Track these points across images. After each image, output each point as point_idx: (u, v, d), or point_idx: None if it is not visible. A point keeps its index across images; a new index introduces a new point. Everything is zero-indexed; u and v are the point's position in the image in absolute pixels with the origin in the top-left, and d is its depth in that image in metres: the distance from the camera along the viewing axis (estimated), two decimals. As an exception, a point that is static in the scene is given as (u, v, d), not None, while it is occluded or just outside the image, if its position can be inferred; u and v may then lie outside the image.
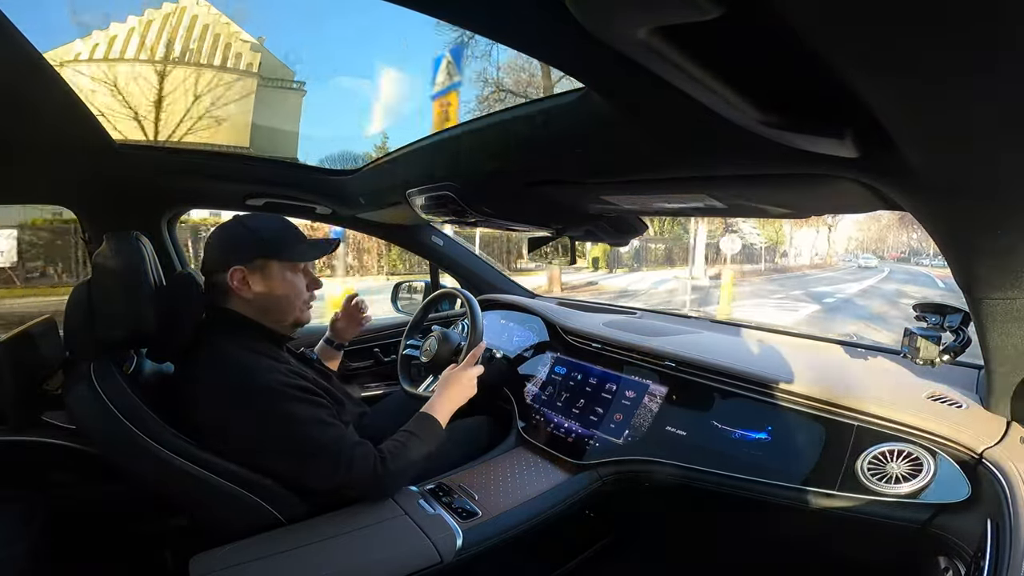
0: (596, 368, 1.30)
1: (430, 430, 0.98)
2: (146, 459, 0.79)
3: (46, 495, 1.00)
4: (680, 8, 0.26)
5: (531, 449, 1.21)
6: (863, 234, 37.11)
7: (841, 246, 35.31)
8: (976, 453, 0.75)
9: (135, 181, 1.18)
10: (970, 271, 0.57)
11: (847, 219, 25.61)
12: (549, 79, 10.59)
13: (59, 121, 0.87)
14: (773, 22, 0.28)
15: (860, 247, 37.59)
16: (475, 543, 0.87)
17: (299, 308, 0.98)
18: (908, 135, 0.38)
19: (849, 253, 33.52)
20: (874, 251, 36.83)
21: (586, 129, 0.60)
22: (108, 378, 0.83)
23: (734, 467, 0.95)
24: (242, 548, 0.79)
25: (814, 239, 27.51)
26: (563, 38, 0.38)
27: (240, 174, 1.28)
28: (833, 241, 30.08)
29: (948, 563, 0.74)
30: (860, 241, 38.03)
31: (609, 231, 1.16)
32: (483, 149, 0.81)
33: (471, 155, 0.85)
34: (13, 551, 0.89)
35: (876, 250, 37.55)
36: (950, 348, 0.86)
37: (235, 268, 0.90)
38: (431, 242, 1.77)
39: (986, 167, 0.39)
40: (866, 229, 35.47)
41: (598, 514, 1.19)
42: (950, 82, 0.29)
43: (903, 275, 19.93)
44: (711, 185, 0.68)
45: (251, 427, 0.82)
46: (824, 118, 0.38)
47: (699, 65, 0.33)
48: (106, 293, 0.86)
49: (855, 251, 32.89)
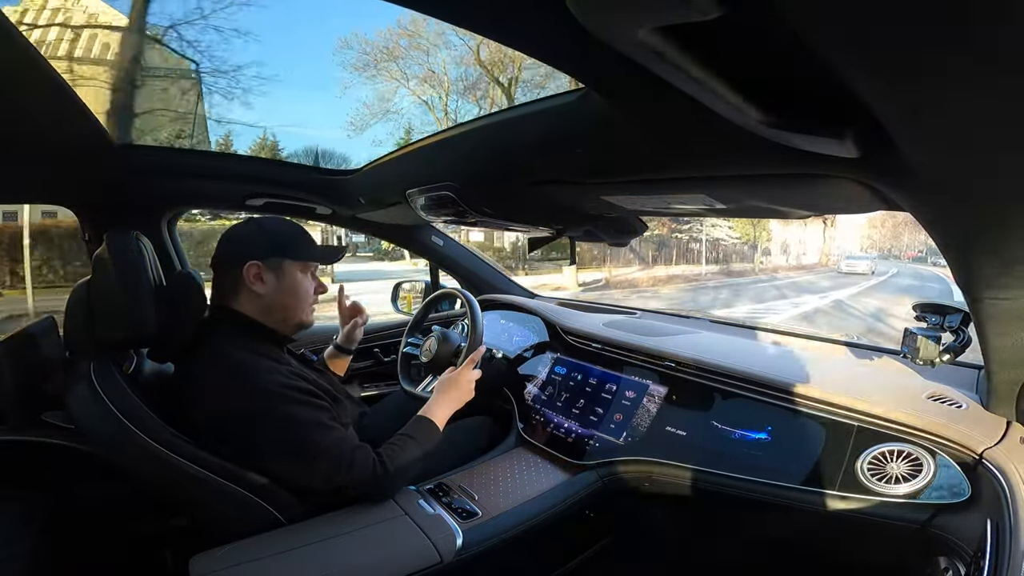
0: (596, 368, 1.30)
1: (427, 433, 0.98)
2: (146, 459, 0.79)
3: (46, 495, 1.00)
4: (680, 8, 0.26)
5: (531, 449, 1.21)
6: (876, 232, 34.72)
7: (856, 245, 32.93)
8: (976, 453, 0.75)
9: (135, 181, 1.18)
10: (970, 271, 0.57)
11: (855, 216, 23.61)
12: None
13: (59, 121, 0.87)
14: (773, 22, 0.28)
15: (873, 246, 34.83)
16: (475, 543, 0.87)
17: (305, 310, 1.00)
18: (908, 135, 0.38)
19: (864, 253, 29.77)
20: (889, 249, 33.68)
21: (586, 129, 0.60)
22: (108, 378, 0.83)
23: (734, 467, 0.95)
24: (242, 548, 0.79)
25: (800, 236, 25.54)
26: (563, 38, 0.38)
27: (240, 174, 1.28)
28: (831, 238, 27.92)
29: (948, 563, 0.74)
30: (873, 240, 35.56)
31: (609, 231, 1.16)
32: (483, 149, 0.81)
33: (471, 155, 0.85)
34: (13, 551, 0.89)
35: (892, 248, 34.40)
36: (950, 348, 0.86)
37: (252, 263, 0.91)
38: (431, 242, 1.77)
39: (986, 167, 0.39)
40: (879, 227, 33.49)
41: (598, 514, 1.19)
42: (950, 82, 0.29)
43: (909, 279, 16.67)
44: (711, 185, 0.68)
45: (251, 428, 0.82)
46: (824, 118, 0.38)
47: (699, 65, 0.33)
48: (106, 293, 0.86)
49: (852, 251, 28.48)
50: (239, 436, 0.83)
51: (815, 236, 26.78)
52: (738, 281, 15.53)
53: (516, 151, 0.75)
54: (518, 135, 0.71)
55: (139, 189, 1.22)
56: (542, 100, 0.63)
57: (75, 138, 0.95)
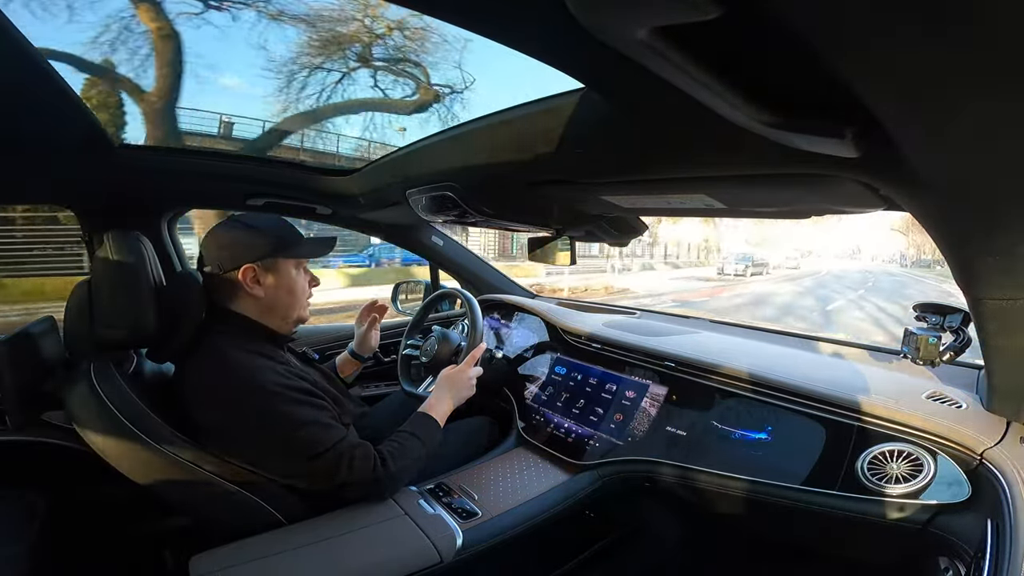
0: (596, 368, 1.30)
1: (428, 430, 0.98)
2: (146, 459, 0.79)
3: (46, 495, 1.00)
4: (680, 8, 0.26)
5: (531, 449, 1.21)
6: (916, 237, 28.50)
7: (886, 254, 30.31)
8: (976, 453, 0.75)
9: (135, 181, 1.18)
10: (970, 271, 0.57)
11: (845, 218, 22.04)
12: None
13: (59, 121, 0.87)
14: (773, 22, 0.28)
15: (919, 252, 28.99)
16: (475, 543, 0.87)
17: (303, 305, 1.00)
18: (908, 135, 0.38)
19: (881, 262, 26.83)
20: (898, 257, 30.42)
21: (586, 129, 0.60)
22: (108, 378, 0.83)
23: (734, 467, 0.95)
24: (242, 548, 0.79)
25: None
26: (563, 38, 0.38)
27: (240, 174, 1.28)
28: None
29: (948, 563, 0.74)
30: (919, 245, 29.49)
31: (609, 231, 1.16)
32: (483, 149, 0.81)
33: (471, 155, 0.85)
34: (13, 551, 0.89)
35: (903, 254, 31.10)
36: (950, 348, 0.86)
37: (247, 266, 0.91)
38: (431, 242, 1.77)
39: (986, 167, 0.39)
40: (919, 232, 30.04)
41: (598, 514, 1.19)
42: (950, 82, 0.29)
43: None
44: (711, 185, 0.68)
45: (251, 428, 0.82)
46: (824, 118, 0.38)
47: (699, 65, 0.33)
48: (106, 293, 0.86)
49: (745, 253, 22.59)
50: (239, 436, 0.83)
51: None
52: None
53: (516, 151, 0.75)
54: (518, 135, 0.71)
55: (139, 189, 1.22)
56: (542, 100, 0.63)
57: (76, 139, 0.95)
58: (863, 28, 0.26)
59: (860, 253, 45.13)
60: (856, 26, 0.26)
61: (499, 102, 10.64)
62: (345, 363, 1.30)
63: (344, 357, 1.31)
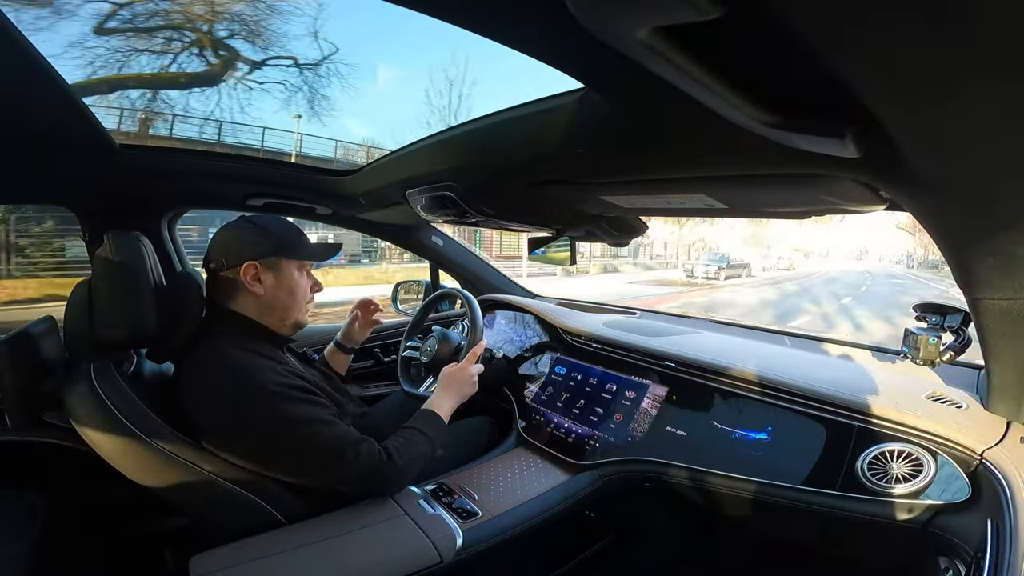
0: (596, 368, 1.30)
1: (434, 426, 0.98)
2: (146, 459, 0.79)
3: (46, 495, 1.00)
4: (680, 8, 0.26)
5: (531, 449, 1.21)
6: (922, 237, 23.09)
7: (894, 255, 27.44)
8: (976, 453, 0.75)
9: (135, 181, 1.18)
10: (970, 271, 0.57)
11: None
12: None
13: (59, 121, 0.87)
14: (773, 22, 0.28)
15: (925, 253, 24.91)
16: (475, 543, 0.87)
17: (302, 308, 1.00)
18: (908, 135, 0.38)
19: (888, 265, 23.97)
20: (903, 258, 28.53)
21: (586, 129, 0.60)
22: (108, 378, 0.83)
23: (734, 467, 0.95)
24: (242, 548, 0.79)
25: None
26: (563, 38, 0.38)
27: (240, 174, 1.28)
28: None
29: (948, 563, 0.74)
30: (927, 247, 24.66)
31: (609, 231, 1.16)
32: (483, 149, 0.81)
33: (471, 155, 0.85)
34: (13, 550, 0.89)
35: (910, 254, 29.07)
36: (950, 348, 0.86)
37: (249, 263, 0.91)
38: (431, 242, 1.77)
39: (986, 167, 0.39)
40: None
41: (598, 514, 1.19)
42: (950, 82, 0.29)
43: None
44: (711, 185, 0.68)
45: (251, 427, 0.82)
46: (824, 118, 0.38)
47: (699, 65, 0.33)
48: (106, 293, 0.86)
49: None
50: (239, 436, 0.83)
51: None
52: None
53: (516, 151, 0.75)
54: (518, 135, 0.71)
55: (140, 189, 1.22)
56: (542, 100, 0.63)
57: (76, 139, 0.95)
58: (863, 28, 0.26)
59: (867, 254, 44.85)
60: (856, 26, 0.26)
61: (499, 102, 10.38)
62: (333, 355, 1.30)
63: (331, 349, 1.30)
